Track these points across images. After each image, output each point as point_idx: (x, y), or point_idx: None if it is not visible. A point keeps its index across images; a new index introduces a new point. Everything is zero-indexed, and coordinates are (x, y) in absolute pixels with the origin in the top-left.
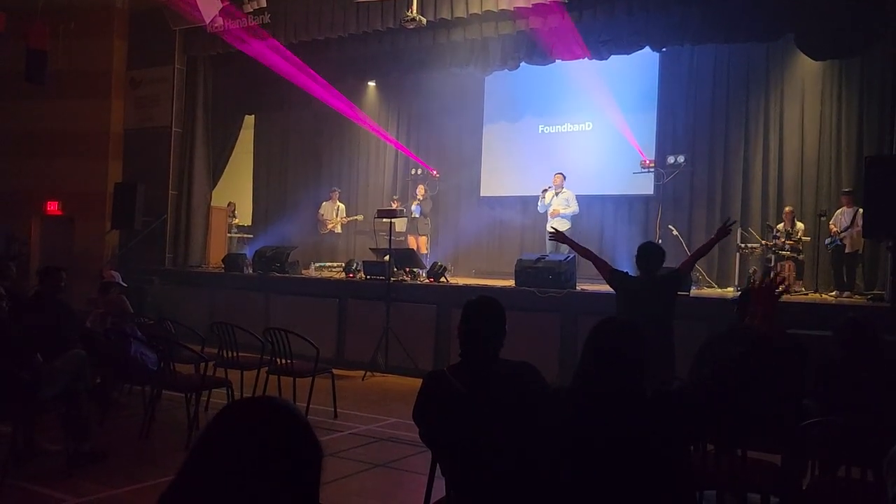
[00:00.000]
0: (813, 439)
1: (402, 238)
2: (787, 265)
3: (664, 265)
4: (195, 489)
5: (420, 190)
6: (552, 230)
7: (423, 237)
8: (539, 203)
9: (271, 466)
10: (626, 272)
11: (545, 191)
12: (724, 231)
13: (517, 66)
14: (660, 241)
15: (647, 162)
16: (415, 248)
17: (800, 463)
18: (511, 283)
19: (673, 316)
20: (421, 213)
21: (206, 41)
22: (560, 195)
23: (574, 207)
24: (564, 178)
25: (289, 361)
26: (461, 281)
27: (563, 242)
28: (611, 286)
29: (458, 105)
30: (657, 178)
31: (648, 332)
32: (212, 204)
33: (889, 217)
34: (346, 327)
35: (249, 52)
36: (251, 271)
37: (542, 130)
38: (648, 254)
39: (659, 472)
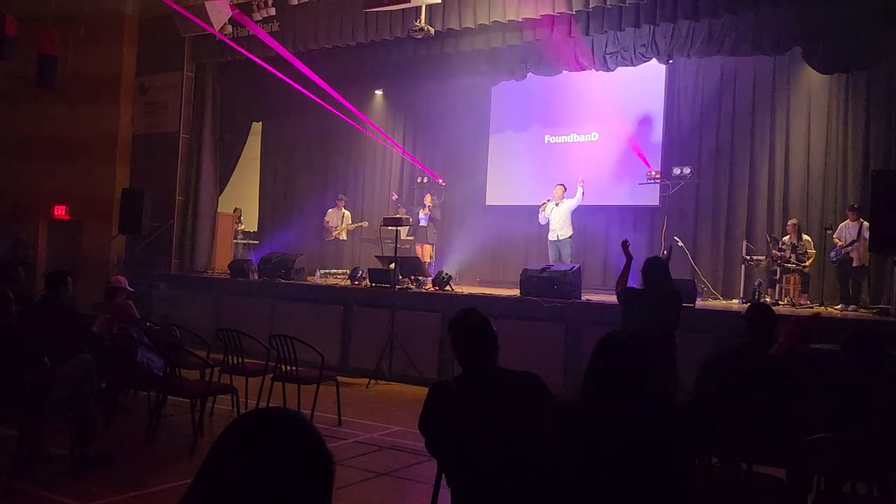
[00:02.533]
0: (818, 454)
1: (408, 246)
2: (792, 278)
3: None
4: (207, 501)
5: (427, 198)
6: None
7: (429, 245)
8: (539, 215)
9: (283, 480)
10: (634, 287)
11: (545, 203)
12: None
13: (524, 77)
14: (664, 252)
15: (653, 173)
16: (419, 257)
17: (805, 478)
18: (516, 292)
19: (673, 328)
20: (430, 221)
21: (214, 48)
22: (561, 206)
23: (575, 199)
24: (566, 189)
25: (294, 368)
26: (466, 290)
27: (627, 255)
28: (618, 299)
29: (464, 114)
30: (663, 190)
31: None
32: (218, 210)
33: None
34: (350, 334)
35: (258, 60)
36: (257, 277)
37: (548, 140)
38: (651, 269)
39: (665, 486)
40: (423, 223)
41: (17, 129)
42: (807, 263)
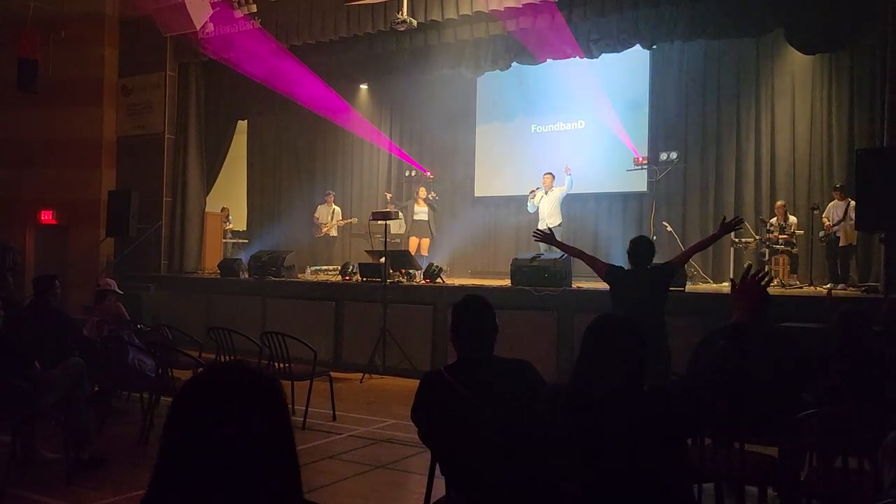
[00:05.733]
0: (809, 430)
1: (398, 240)
2: (781, 259)
3: (655, 260)
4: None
5: (422, 192)
6: (538, 232)
7: (426, 239)
8: (528, 203)
9: (235, 408)
10: (621, 266)
11: (534, 191)
12: (728, 228)
13: (508, 67)
14: (654, 237)
15: (640, 159)
16: (416, 250)
17: (797, 455)
18: (507, 282)
19: (664, 309)
20: (431, 213)
21: (197, 47)
22: (550, 194)
23: (565, 187)
24: (554, 177)
25: (287, 365)
26: (457, 281)
27: (550, 244)
28: (606, 282)
29: (450, 106)
30: (650, 175)
31: (642, 325)
32: (206, 210)
33: (881, 209)
34: (343, 330)
35: (241, 57)
36: (247, 276)
37: (535, 130)
38: (639, 248)
39: (657, 468)
40: (418, 217)
41: None
42: (790, 243)
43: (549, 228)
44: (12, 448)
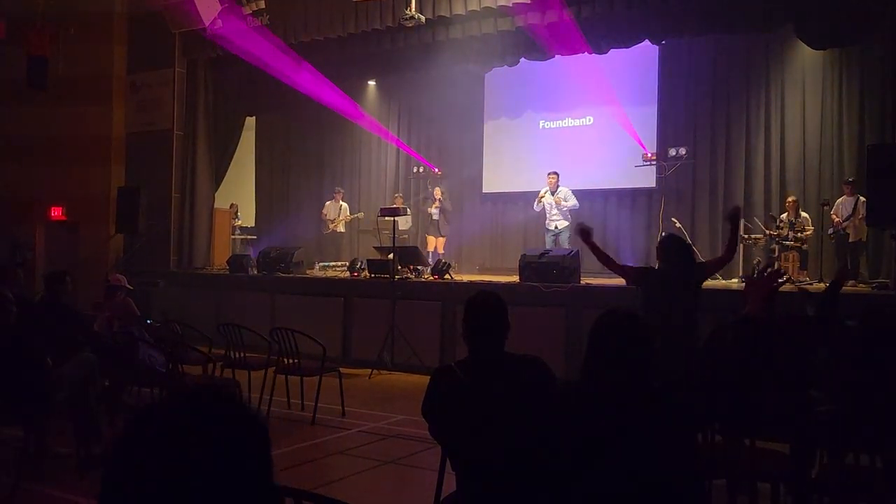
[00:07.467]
0: (821, 427)
1: (405, 236)
2: (790, 255)
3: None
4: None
5: (437, 192)
6: (580, 226)
7: (443, 238)
8: (535, 204)
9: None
10: (650, 267)
11: (541, 197)
12: (732, 217)
13: (517, 62)
14: (663, 233)
15: (649, 155)
16: (433, 249)
17: (808, 451)
18: (515, 278)
19: (697, 308)
20: (441, 213)
21: (205, 43)
22: (556, 194)
23: (572, 202)
24: (559, 176)
25: (296, 361)
26: (465, 277)
27: (585, 242)
28: (637, 286)
29: (458, 102)
30: (659, 171)
31: (673, 323)
32: (215, 206)
33: (892, 205)
34: (351, 326)
35: (249, 54)
36: (256, 272)
37: (543, 126)
38: (672, 247)
39: (668, 464)
40: (435, 217)
41: (9, 131)
42: (799, 236)
43: (590, 227)
44: (24, 443)
